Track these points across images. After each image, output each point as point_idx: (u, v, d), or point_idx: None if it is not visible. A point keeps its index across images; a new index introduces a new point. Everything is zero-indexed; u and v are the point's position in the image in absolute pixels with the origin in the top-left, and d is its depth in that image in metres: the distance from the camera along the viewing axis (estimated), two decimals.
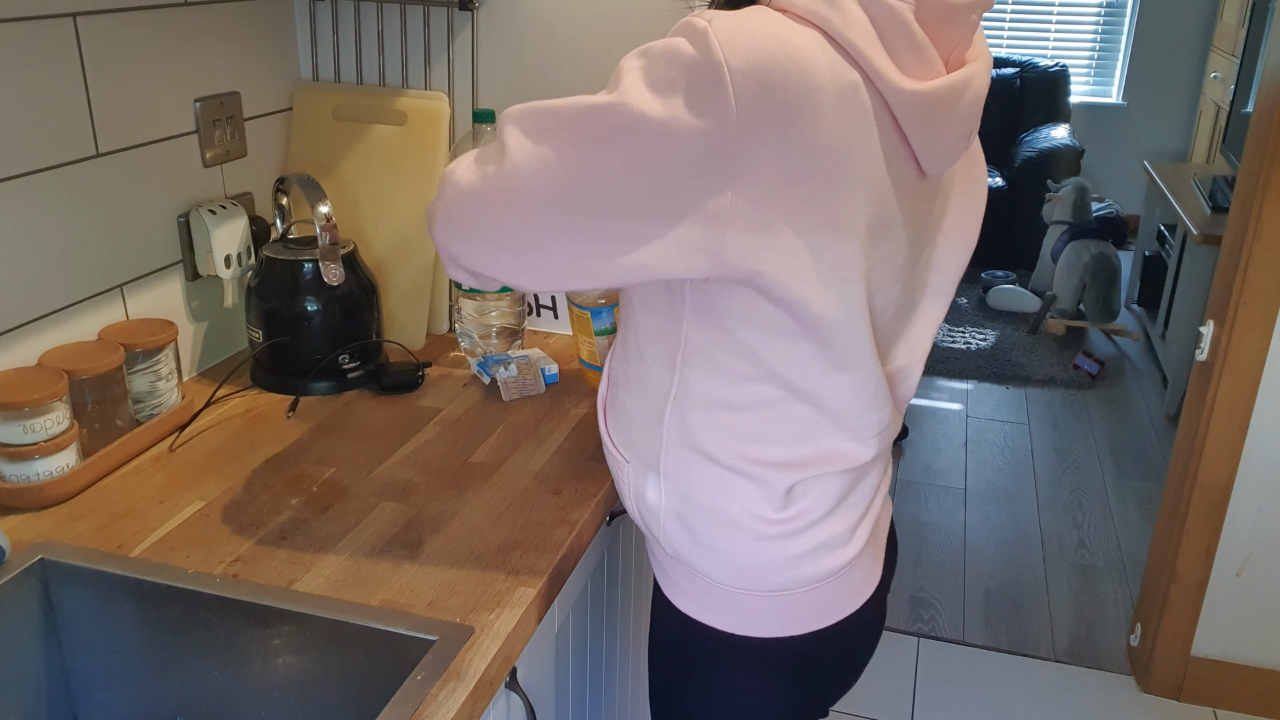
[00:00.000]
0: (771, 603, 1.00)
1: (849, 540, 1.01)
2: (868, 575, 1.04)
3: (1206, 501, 2.12)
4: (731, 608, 1.01)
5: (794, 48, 0.80)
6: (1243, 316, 1.99)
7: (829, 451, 0.96)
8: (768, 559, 0.98)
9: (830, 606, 1.02)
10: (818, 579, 0.99)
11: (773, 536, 0.97)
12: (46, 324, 1.22)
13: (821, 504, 0.98)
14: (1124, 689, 2.31)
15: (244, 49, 1.48)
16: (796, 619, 1.01)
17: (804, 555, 0.98)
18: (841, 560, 1.00)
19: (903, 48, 0.85)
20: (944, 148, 0.91)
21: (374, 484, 1.19)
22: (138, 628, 1.03)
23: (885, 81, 0.84)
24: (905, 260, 0.95)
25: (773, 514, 0.96)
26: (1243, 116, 3.52)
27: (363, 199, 1.58)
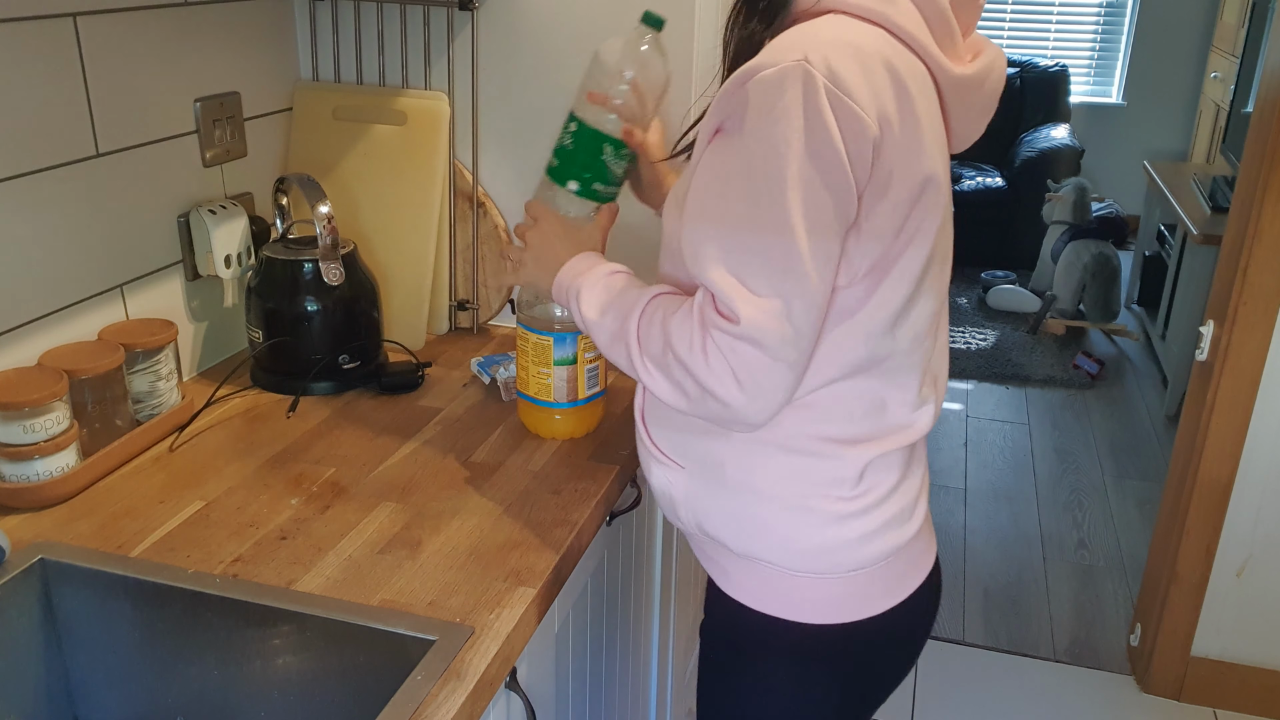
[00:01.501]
0: (841, 587, 1.00)
1: (911, 515, 1.02)
2: (926, 549, 1.06)
3: (1206, 501, 2.12)
4: (784, 594, 1.01)
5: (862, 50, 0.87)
6: (1243, 316, 1.99)
7: (894, 424, 0.98)
8: (842, 539, 0.98)
9: (897, 584, 1.02)
10: (885, 554, 1.00)
11: (845, 516, 0.97)
12: (46, 324, 1.22)
13: (888, 478, 0.99)
14: (1124, 689, 2.31)
15: (244, 49, 1.48)
16: (852, 604, 1.01)
17: (874, 533, 0.99)
18: (905, 536, 1.01)
19: (945, 36, 0.92)
20: (973, 127, 0.99)
21: (374, 484, 1.19)
22: (138, 628, 1.03)
23: (940, 66, 0.92)
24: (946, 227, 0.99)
25: (847, 492, 0.97)
26: (1243, 116, 3.52)
27: (363, 199, 1.58)
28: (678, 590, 1.76)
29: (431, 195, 1.55)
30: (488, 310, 1.66)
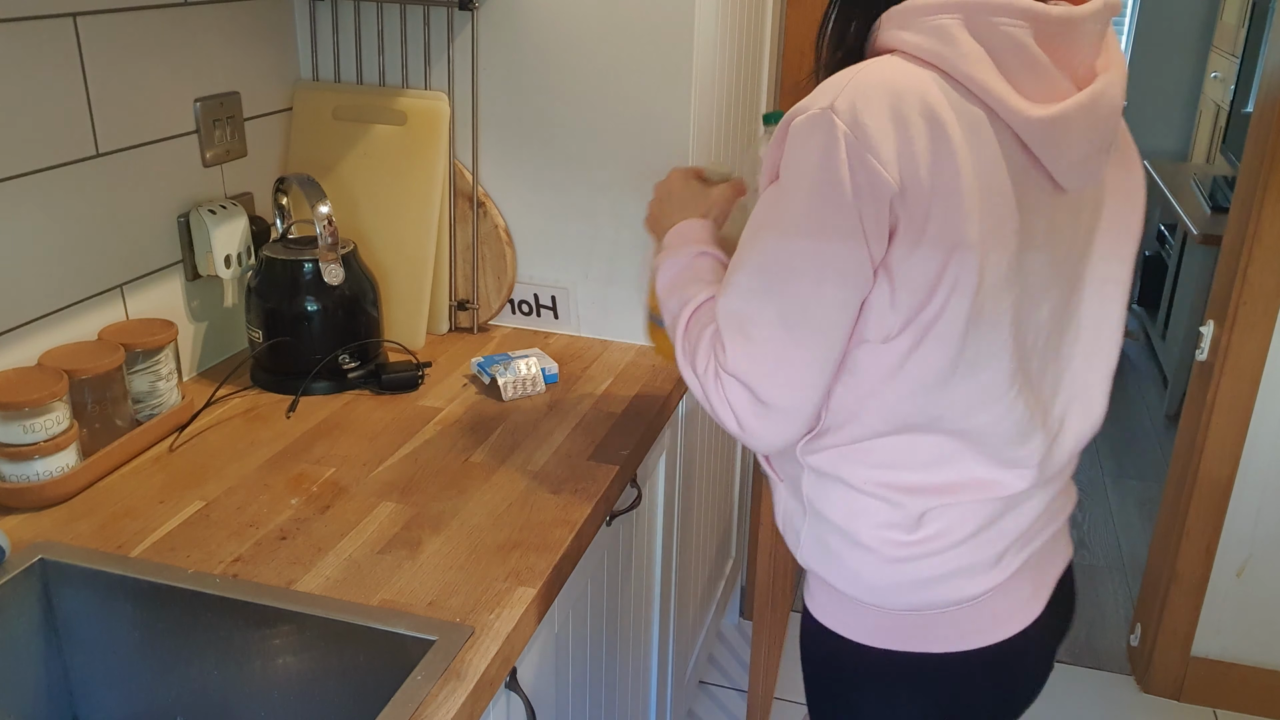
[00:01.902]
0: (907, 620, 0.99)
1: (993, 567, 0.99)
2: (1022, 605, 1.01)
3: (1206, 501, 2.12)
4: (863, 620, 1.01)
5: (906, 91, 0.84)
6: (1243, 316, 1.99)
7: (968, 479, 0.96)
8: (898, 581, 0.98)
9: (972, 630, 1.00)
10: (952, 603, 0.98)
11: (903, 559, 0.97)
12: (46, 324, 1.22)
13: (958, 529, 0.96)
14: (1124, 689, 2.31)
15: (244, 49, 1.48)
16: (932, 637, 1.00)
17: (937, 579, 0.97)
18: (982, 587, 0.98)
19: (1023, 71, 0.86)
20: (1078, 165, 0.91)
21: (374, 484, 1.19)
22: (138, 628, 1.03)
23: (1009, 109, 0.85)
24: (1048, 279, 0.94)
25: (904, 536, 0.96)
26: (1243, 116, 3.52)
27: (363, 199, 1.58)
28: (678, 590, 1.76)
29: (431, 195, 1.55)
30: (488, 310, 1.66)
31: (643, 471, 1.44)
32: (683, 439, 1.64)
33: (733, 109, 1.72)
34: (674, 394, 1.48)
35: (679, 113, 1.47)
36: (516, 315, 1.67)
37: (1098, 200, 0.99)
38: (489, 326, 1.68)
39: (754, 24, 1.80)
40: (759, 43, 1.87)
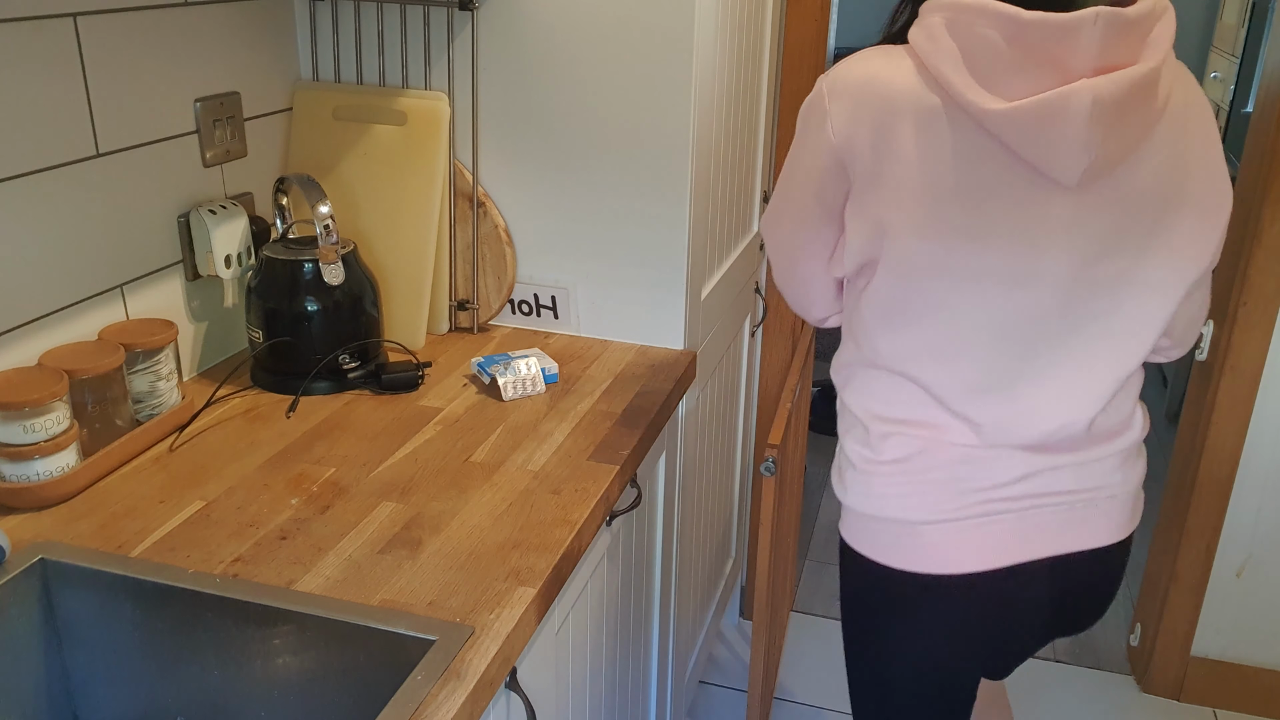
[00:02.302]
0: (871, 528, 1.17)
1: (939, 503, 1.12)
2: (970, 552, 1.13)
3: (1206, 501, 2.12)
4: (849, 527, 1.21)
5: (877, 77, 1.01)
6: (1243, 316, 1.99)
7: (919, 418, 1.12)
8: (864, 491, 1.16)
9: (913, 553, 1.14)
10: (895, 519, 1.14)
11: (868, 474, 1.16)
12: (46, 324, 1.22)
13: (908, 458, 1.12)
14: (1124, 689, 2.31)
15: (244, 49, 1.48)
16: (884, 549, 1.16)
17: (887, 496, 1.14)
18: (922, 515, 1.12)
19: (994, 70, 0.94)
20: (1059, 158, 0.96)
21: (374, 484, 1.19)
22: (138, 628, 1.03)
23: (966, 100, 0.96)
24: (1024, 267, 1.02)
25: (869, 453, 1.15)
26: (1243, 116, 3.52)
27: (363, 199, 1.58)
28: (678, 590, 1.76)
29: (431, 195, 1.55)
30: (488, 310, 1.66)
31: (643, 471, 1.44)
32: (683, 439, 1.64)
33: (733, 110, 1.72)
34: (674, 394, 1.48)
35: (679, 112, 1.47)
36: (516, 315, 1.67)
37: (1134, 204, 1.02)
38: (489, 326, 1.68)
39: (754, 25, 1.80)
40: (759, 44, 1.87)
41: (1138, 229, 1.03)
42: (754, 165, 1.97)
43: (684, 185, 1.50)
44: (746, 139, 1.87)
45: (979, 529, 1.12)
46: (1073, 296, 1.04)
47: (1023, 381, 1.07)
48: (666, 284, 1.57)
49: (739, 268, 1.93)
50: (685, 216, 1.52)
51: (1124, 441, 1.14)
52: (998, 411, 1.08)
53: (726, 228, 1.81)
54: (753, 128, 1.91)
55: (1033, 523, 1.13)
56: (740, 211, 1.91)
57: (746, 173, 1.91)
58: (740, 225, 1.94)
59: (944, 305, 1.04)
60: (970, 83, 0.95)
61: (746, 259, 2.00)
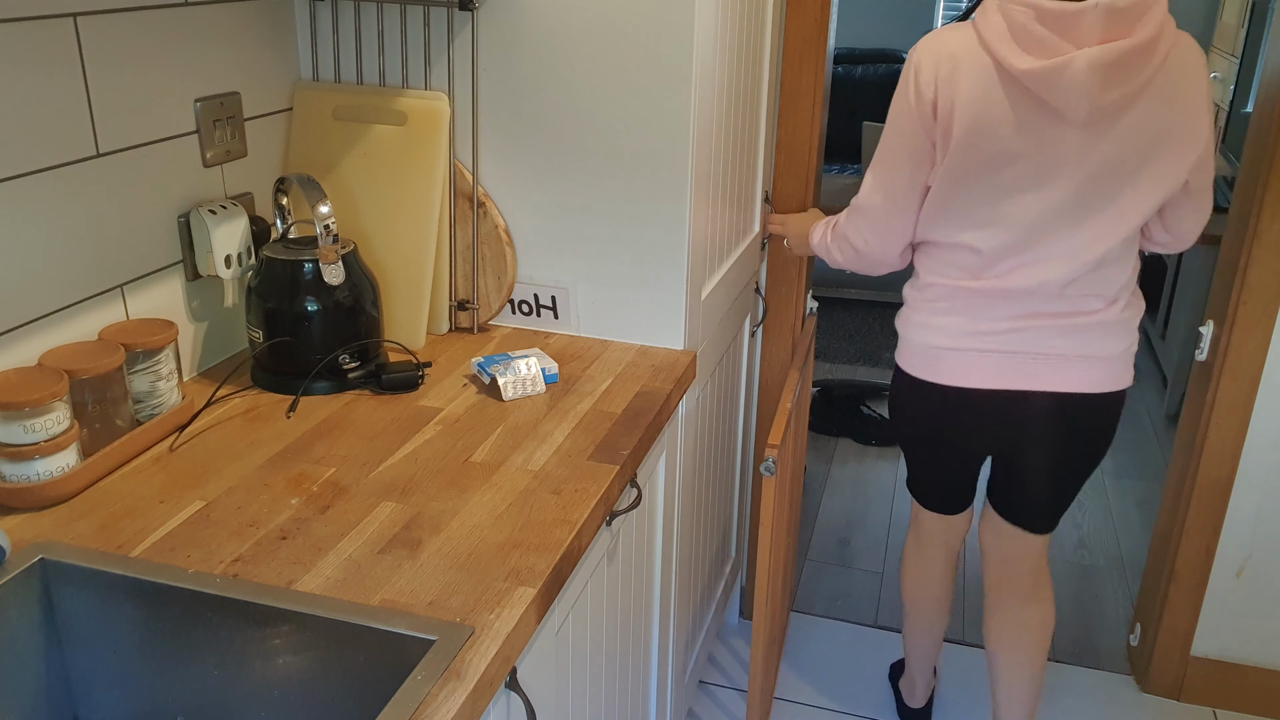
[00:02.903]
0: (912, 350, 1.68)
1: (956, 333, 1.62)
2: (977, 372, 1.63)
3: (1206, 501, 2.12)
4: (905, 352, 1.71)
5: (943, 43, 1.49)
6: (1242, 316, 1.99)
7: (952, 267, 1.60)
8: (911, 320, 1.67)
9: (939, 370, 1.65)
10: (927, 345, 1.65)
11: (913, 307, 1.67)
12: (46, 324, 1.22)
13: (939, 298, 1.62)
14: (1124, 689, 2.31)
15: (244, 49, 1.48)
16: (920, 367, 1.67)
17: (923, 325, 1.65)
18: (944, 343, 1.63)
19: (1027, 40, 1.39)
20: (1069, 102, 1.41)
21: (374, 484, 1.19)
22: (138, 628, 1.03)
23: (1006, 62, 1.41)
24: (1032, 176, 1.48)
25: (916, 294, 1.66)
26: (1242, 116, 3.52)
27: (363, 199, 1.58)
28: (678, 590, 1.76)
29: (431, 195, 1.55)
30: (488, 310, 1.66)
31: (643, 471, 1.44)
32: (683, 439, 1.64)
33: (733, 111, 1.72)
34: (674, 394, 1.48)
35: (678, 112, 1.47)
36: (516, 315, 1.67)
37: (1124, 142, 1.45)
38: (489, 326, 1.68)
39: (754, 26, 1.80)
40: (759, 45, 1.87)
41: (1132, 158, 1.46)
42: (754, 166, 1.97)
43: (684, 185, 1.50)
44: (747, 140, 1.87)
45: (979, 357, 1.62)
46: (1076, 199, 1.49)
47: (1030, 249, 1.53)
48: (666, 284, 1.57)
49: (740, 268, 1.94)
50: (685, 216, 1.52)
51: (1103, 317, 1.58)
52: (1008, 265, 1.55)
53: (727, 228, 1.81)
54: (753, 129, 1.91)
55: (1025, 362, 1.60)
56: (741, 212, 1.92)
57: (747, 174, 1.92)
58: (741, 226, 1.94)
59: (984, 199, 1.51)
60: (1011, 48, 1.40)
61: (748, 259, 2.00)
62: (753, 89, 1.87)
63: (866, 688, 2.29)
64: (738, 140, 1.79)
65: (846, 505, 3.05)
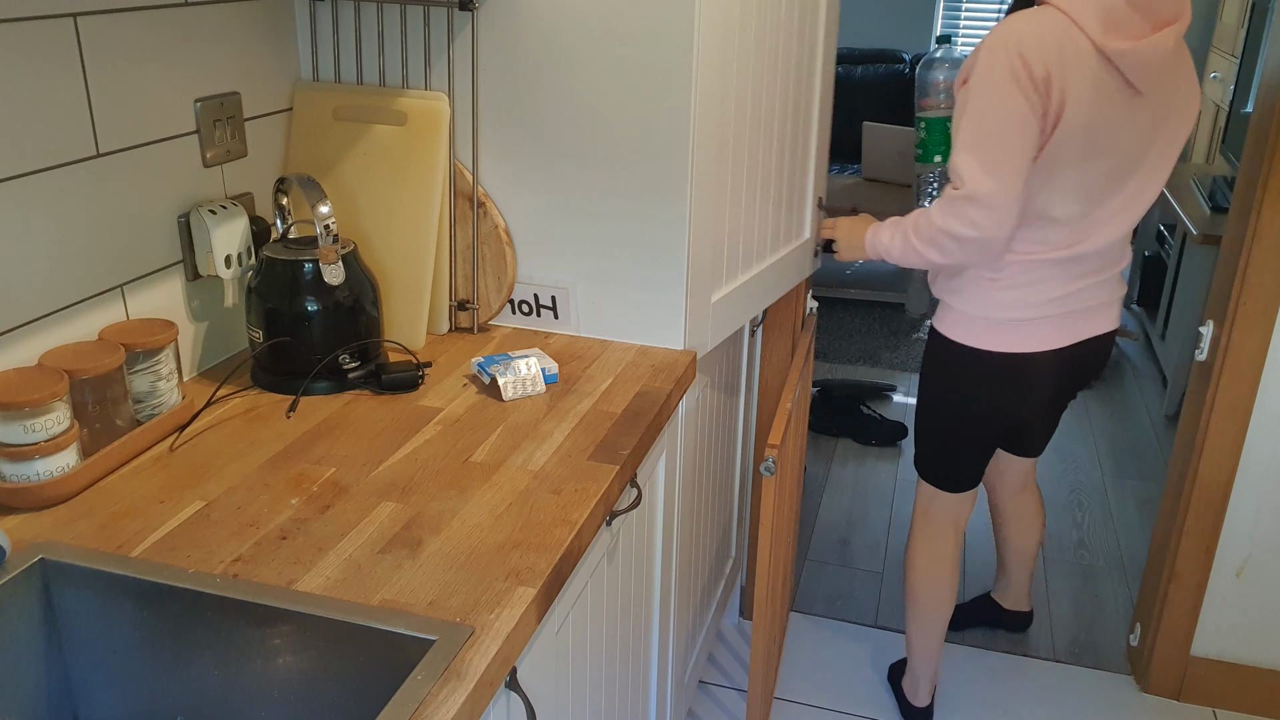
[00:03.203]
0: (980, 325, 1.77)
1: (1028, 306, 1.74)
2: (1042, 336, 1.77)
3: (1206, 501, 2.12)
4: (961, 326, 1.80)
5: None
6: (1242, 316, 1.99)
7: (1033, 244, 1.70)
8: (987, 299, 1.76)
9: (1011, 340, 1.76)
10: (1006, 319, 1.75)
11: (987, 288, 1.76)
12: (46, 324, 1.22)
13: (1017, 276, 1.72)
14: (1124, 689, 2.31)
15: (244, 49, 1.48)
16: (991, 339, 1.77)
17: (1004, 303, 1.74)
18: (1020, 315, 1.75)
19: (1118, 20, 1.52)
20: (1145, 78, 1.56)
21: (374, 484, 1.19)
22: (138, 628, 1.03)
23: (1100, 42, 1.52)
24: (1109, 146, 1.61)
25: (991, 275, 1.74)
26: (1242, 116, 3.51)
27: (363, 199, 1.58)
28: (678, 590, 1.76)
29: (431, 195, 1.55)
30: (488, 310, 1.66)
31: (643, 471, 1.44)
32: (683, 439, 1.64)
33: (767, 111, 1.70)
34: (674, 394, 1.48)
35: (678, 112, 1.47)
36: (516, 315, 1.67)
37: (1166, 109, 1.63)
38: (489, 326, 1.68)
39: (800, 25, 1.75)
40: (808, 46, 1.81)
41: (1168, 125, 1.66)
42: (803, 169, 1.92)
43: (683, 185, 1.50)
44: (792, 142, 1.84)
45: (1049, 322, 1.75)
46: (1139, 164, 1.66)
47: (1099, 214, 1.68)
48: (666, 284, 1.57)
49: (779, 272, 1.89)
50: (685, 216, 1.52)
51: (1119, 267, 1.79)
52: (1083, 231, 1.69)
53: (760, 231, 1.77)
54: (801, 131, 1.88)
55: (1077, 319, 1.78)
56: (785, 216, 1.88)
57: (792, 176, 1.87)
58: (785, 230, 1.89)
59: (1077, 172, 1.63)
60: (1106, 29, 1.51)
61: (792, 264, 1.95)
62: (800, 90, 1.84)
63: (866, 688, 2.29)
64: (776, 142, 1.76)
65: (846, 505, 3.05)
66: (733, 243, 1.69)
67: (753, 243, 1.75)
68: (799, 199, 1.93)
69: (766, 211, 1.79)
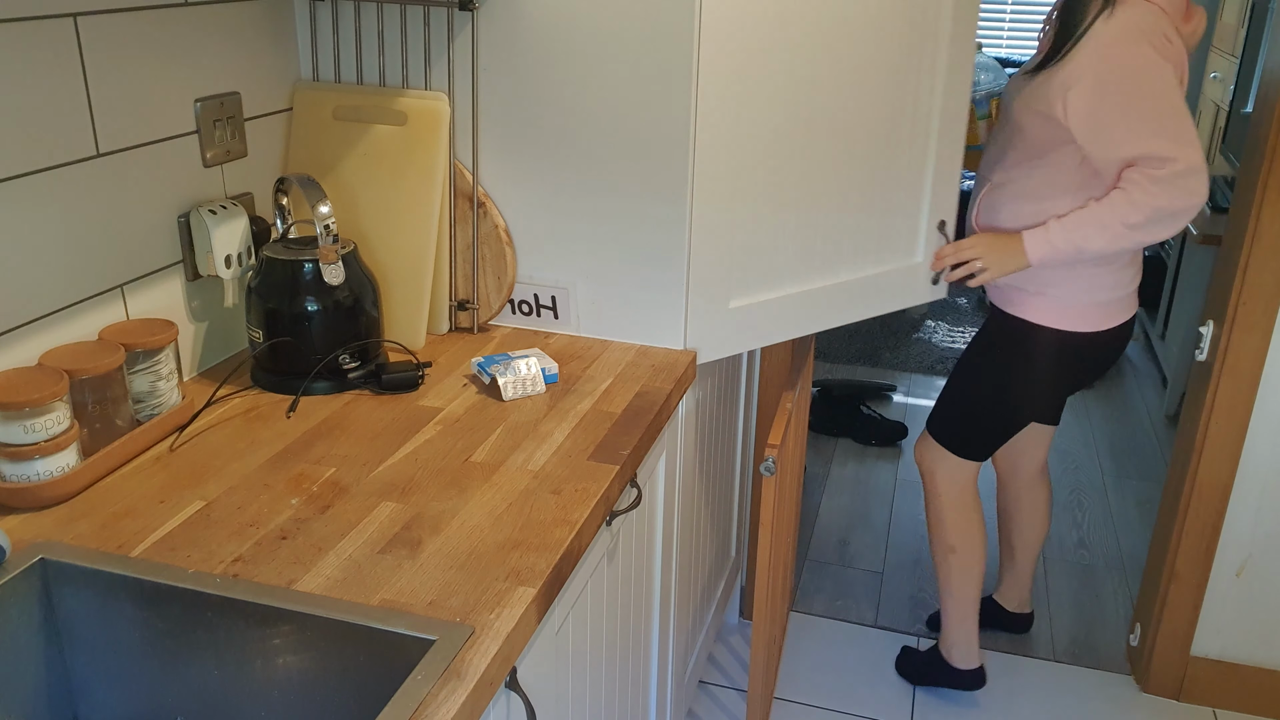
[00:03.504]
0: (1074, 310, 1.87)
1: (1117, 288, 1.87)
2: (1121, 313, 1.90)
3: (1206, 502, 2.12)
4: (1055, 312, 1.87)
5: None
6: (1242, 316, 1.99)
7: None
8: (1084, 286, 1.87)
9: (1103, 319, 1.88)
10: (1100, 301, 1.86)
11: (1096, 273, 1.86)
12: (46, 324, 1.22)
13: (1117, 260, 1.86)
14: (1124, 689, 2.31)
15: (244, 49, 1.48)
16: (1086, 321, 1.87)
17: (1106, 285, 1.85)
18: (1113, 295, 1.87)
19: (1182, 9, 1.71)
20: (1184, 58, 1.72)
21: (374, 484, 1.19)
22: (138, 628, 1.03)
23: (1179, 24, 1.70)
24: None
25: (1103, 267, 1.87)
26: (1242, 116, 3.51)
27: (363, 199, 1.58)
28: (678, 590, 1.76)
29: (431, 195, 1.55)
30: (488, 310, 1.66)
31: (643, 471, 1.44)
32: (682, 439, 1.64)
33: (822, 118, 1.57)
34: (674, 394, 1.48)
35: (679, 112, 1.47)
36: (516, 315, 1.67)
37: None
38: (489, 326, 1.68)
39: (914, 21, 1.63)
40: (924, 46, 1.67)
41: None
42: (912, 185, 1.75)
43: (683, 185, 1.50)
44: (884, 153, 1.69)
45: (1123, 300, 1.88)
46: None
47: None
48: (666, 284, 1.57)
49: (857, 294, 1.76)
50: (685, 216, 1.52)
51: None
52: None
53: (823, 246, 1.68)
54: (907, 142, 1.72)
55: (1132, 297, 1.90)
56: (876, 233, 1.74)
57: (887, 192, 1.73)
58: (865, 247, 1.75)
59: None
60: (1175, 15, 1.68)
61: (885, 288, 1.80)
62: (903, 93, 1.69)
63: (866, 688, 2.29)
64: (846, 150, 1.65)
65: (846, 505, 3.05)
66: (757, 250, 1.62)
67: (800, 255, 1.66)
68: (900, 217, 1.77)
69: (827, 225, 1.68)
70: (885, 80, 1.65)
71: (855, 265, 1.75)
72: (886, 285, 1.81)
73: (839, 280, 1.74)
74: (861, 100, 1.64)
